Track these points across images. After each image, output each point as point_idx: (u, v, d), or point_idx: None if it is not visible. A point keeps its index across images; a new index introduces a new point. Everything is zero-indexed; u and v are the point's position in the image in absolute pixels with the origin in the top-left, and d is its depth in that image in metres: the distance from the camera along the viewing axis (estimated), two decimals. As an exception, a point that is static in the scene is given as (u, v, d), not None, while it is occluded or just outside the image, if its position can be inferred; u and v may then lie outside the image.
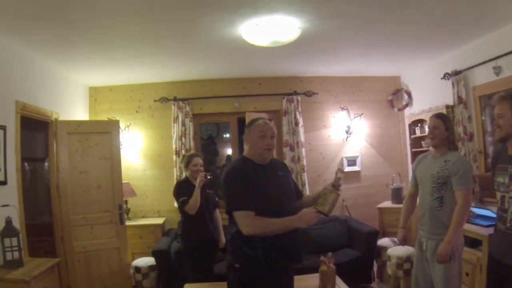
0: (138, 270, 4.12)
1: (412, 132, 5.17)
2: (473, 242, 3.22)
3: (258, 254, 1.96)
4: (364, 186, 5.46)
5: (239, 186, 1.98)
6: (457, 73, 4.17)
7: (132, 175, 5.03)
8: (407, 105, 5.46)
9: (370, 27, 3.45)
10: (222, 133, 7.52)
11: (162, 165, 5.12)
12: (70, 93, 4.62)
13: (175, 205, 4.11)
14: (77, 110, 4.75)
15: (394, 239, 4.14)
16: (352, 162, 5.43)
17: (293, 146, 5.14)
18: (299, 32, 3.31)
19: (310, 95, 5.33)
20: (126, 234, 4.35)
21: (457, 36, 3.81)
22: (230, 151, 6.72)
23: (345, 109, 5.43)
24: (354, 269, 3.99)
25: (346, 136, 5.41)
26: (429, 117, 3.02)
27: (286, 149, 5.13)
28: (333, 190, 2.00)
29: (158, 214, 5.09)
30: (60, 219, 3.99)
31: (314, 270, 2.52)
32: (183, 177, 3.72)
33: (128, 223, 4.51)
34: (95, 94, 5.14)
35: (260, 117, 2.27)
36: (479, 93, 3.97)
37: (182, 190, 3.36)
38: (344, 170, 5.29)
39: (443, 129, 2.60)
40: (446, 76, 4.37)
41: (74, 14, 2.79)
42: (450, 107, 4.30)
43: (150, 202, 5.10)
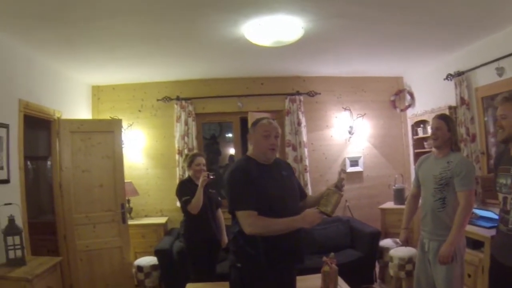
0: (140, 269, 4.13)
1: (414, 133, 5.15)
2: (475, 244, 3.21)
3: (260, 254, 1.96)
4: (366, 187, 5.46)
5: (242, 185, 1.98)
6: (459, 74, 4.16)
7: (134, 174, 5.03)
8: (410, 105, 5.46)
9: (373, 27, 3.45)
10: (225, 132, 7.51)
11: (165, 164, 5.13)
12: (73, 91, 4.63)
13: (178, 204, 4.13)
14: (79, 109, 4.75)
15: (396, 240, 4.13)
16: (354, 162, 5.42)
17: (295, 146, 5.14)
18: (302, 32, 3.31)
19: (312, 95, 5.33)
20: (129, 233, 4.36)
21: (460, 37, 3.81)
22: (232, 151, 6.73)
23: (347, 109, 5.43)
24: (356, 269, 3.99)
25: (348, 136, 5.41)
26: (431, 118, 3.02)
27: (288, 149, 5.13)
28: (336, 191, 2.00)
29: (161, 214, 5.09)
30: (62, 218, 4.00)
31: (316, 270, 2.51)
32: (186, 176, 3.72)
33: (130, 222, 4.52)
34: (98, 93, 5.15)
35: (264, 116, 2.27)
36: (482, 94, 3.96)
37: (185, 189, 3.36)
38: (346, 171, 5.29)
39: (446, 130, 2.59)
40: (448, 77, 4.36)
41: (75, 14, 2.80)
42: (453, 108, 4.29)
43: (153, 201, 5.11)
